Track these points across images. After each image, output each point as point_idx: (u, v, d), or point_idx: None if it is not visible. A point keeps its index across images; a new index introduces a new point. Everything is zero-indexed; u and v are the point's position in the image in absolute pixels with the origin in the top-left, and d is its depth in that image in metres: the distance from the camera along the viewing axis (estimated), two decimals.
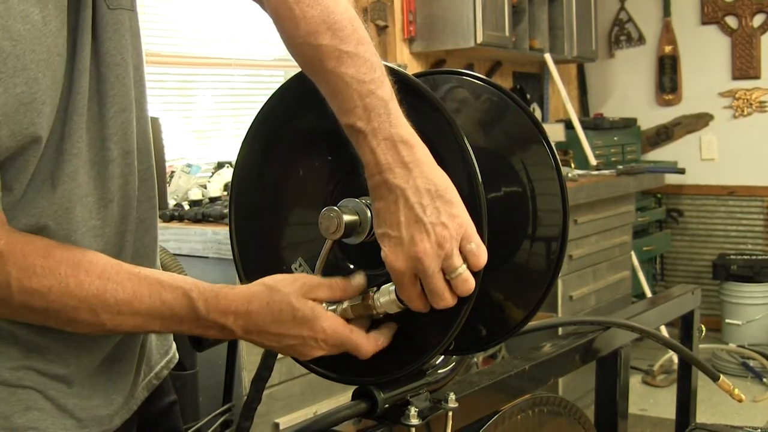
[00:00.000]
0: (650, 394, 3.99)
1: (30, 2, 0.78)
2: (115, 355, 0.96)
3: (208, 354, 1.37)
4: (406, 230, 0.81)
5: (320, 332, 0.85)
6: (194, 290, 0.85)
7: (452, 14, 3.74)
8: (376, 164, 0.81)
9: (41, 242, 0.83)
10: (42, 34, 0.79)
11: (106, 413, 0.95)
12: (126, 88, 0.92)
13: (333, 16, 0.83)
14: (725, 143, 4.92)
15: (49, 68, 0.80)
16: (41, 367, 0.89)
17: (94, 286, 0.82)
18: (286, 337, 0.85)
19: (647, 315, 1.50)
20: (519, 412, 1.13)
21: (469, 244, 0.82)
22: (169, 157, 2.81)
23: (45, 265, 0.81)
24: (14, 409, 0.87)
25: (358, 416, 0.95)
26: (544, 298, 0.95)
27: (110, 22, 0.90)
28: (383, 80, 0.83)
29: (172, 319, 0.85)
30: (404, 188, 0.81)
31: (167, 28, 3.11)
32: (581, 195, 3.53)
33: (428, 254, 0.80)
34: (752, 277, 4.41)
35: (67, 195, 0.85)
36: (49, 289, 0.81)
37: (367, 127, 0.81)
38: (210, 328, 0.85)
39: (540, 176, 0.94)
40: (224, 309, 0.84)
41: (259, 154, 0.99)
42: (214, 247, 2.30)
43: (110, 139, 0.90)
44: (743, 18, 4.80)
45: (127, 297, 0.83)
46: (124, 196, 0.93)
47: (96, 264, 0.84)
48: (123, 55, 0.92)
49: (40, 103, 0.79)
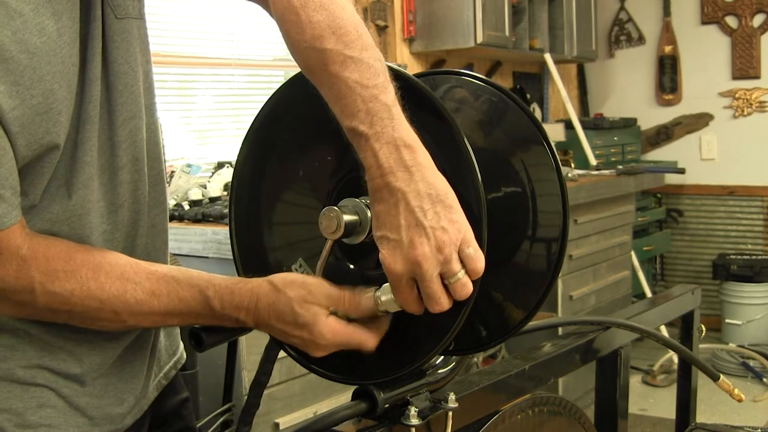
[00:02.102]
0: (650, 394, 3.99)
1: (45, 15, 0.80)
2: (127, 356, 0.98)
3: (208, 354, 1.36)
4: (405, 233, 0.81)
5: (319, 337, 0.86)
6: (210, 288, 0.88)
7: (452, 14, 3.74)
8: (378, 167, 0.82)
9: (62, 245, 0.86)
10: (57, 46, 0.81)
11: (117, 412, 0.96)
12: (134, 96, 0.94)
13: (338, 22, 0.83)
14: (725, 143, 4.92)
15: (64, 79, 0.82)
16: (54, 366, 0.91)
17: (115, 287, 0.86)
18: (289, 336, 0.88)
19: (647, 315, 1.50)
20: (519, 412, 1.13)
21: (468, 248, 0.82)
22: (169, 157, 2.81)
23: (67, 268, 0.84)
24: (27, 406, 0.89)
25: (358, 416, 0.95)
26: (544, 298, 0.95)
27: (118, 32, 0.92)
28: (386, 85, 0.83)
29: (189, 314, 0.89)
30: (405, 191, 0.81)
31: (167, 28, 3.11)
32: (581, 195, 3.53)
33: (427, 258, 0.80)
34: (752, 277, 4.41)
35: (81, 202, 0.88)
36: (71, 292, 0.84)
37: (370, 131, 0.81)
38: (225, 320, 0.89)
39: (540, 177, 0.94)
40: (237, 305, 0.87)
41: (259, 154, 1.00)
42: (214, 247, 2.30)
43: (119, 147, 0.92)
44: (743, 18, 4.80)
45: (146, 297, 0.87)
46: (135, 201, 0.95)
47: (116, 265, 0.87)
48: (131, 63, 0.93)
49: (57, 113, 0.82)
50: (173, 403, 1.13)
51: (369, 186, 0.83)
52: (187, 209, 2.51)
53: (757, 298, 4.44)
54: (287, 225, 0.99)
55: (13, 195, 0.81)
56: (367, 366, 0.92)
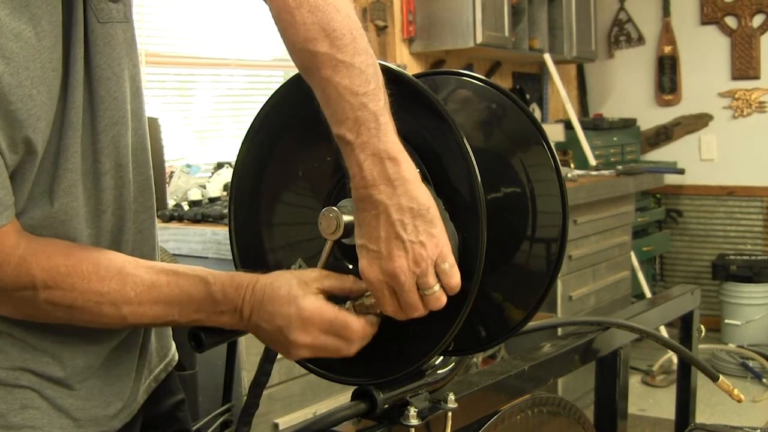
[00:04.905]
0: (650, 394, 3.99)
1: (22, 20, 0.79)
2: (113, 358, 0.97)
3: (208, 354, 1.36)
4: (385, 245, 0.82)
5: (304, 311, 0.85)
6: (209, 275, 0.88)
7: (452, 14, 3.74)
8: (361, 178, 0.82)
9: (61, 243, 0.87)
10: (36, 51, 0.80)
11: (103, 414, 0.96)
12: (117, 101, 0.93)
13: (332, 24, 0.83)
14: (725, 143, 4.92)
15: (43, 84, 0.82)
16: (37, 369, 0.91)
17: (115, 281, 0.86)
18: (275, 316, 0.86)
19: (647, 315, 1.50)
20: (518, 412, 1.13)
21: (444, 264, 0.83)
22: (168, 158, 2.80)
23: (68, 263, 0.85)
24: (11, 408, 0.89)
25: (357, 416, 0.95)
26: (544, 298, 0.95)
27: (101, 36, 0.91)
28: (377, 93, 0.83)
29: (189, 305, 0.88)
30: (387, 205, 0.82)
31: (167, 28, 3.11)
32: (581, 195, 3.53)
33: (403, 271, 0.82)
34: (751, 277, 4.41)
35: (64, 208, 0.88)
36: (72, 286, 0.84)
37: (356, 141, 0.82)
38: (224, 313, 0.88)
39: (540, 177, 0.94)
40: (238, 284, 0.87)
41: (258, 154, 1.00)
42: (214, 248, 2.30)
43: (102, 152, 0.92)
44: (743, 18, 4.80)
45: (145, 288, 0.87)
46: (119, 207, 0.95)
47: (114, 260, 0.88)
48: (114, 69, 0.93)
49: (35, 119, 0.81)
50: (168, 405, 1.13)
51: (353, 194, 0.84)
52: (187, 209, 2.51)
53: (756, 299, 4.43)
54: (287, 225, 0.99)
55: (6, 195, 0.81)
56: (366, 366, 0.92)
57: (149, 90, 3.02)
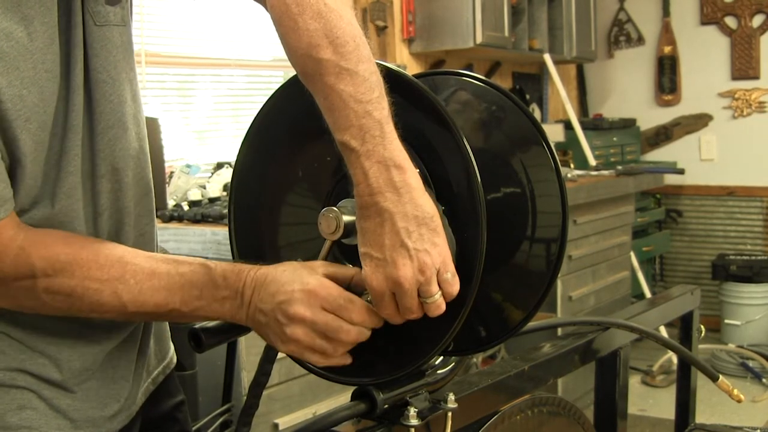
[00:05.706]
0: (649, 395, 3.99)
1: (13, 20, 0.79)
2: (111, 360, 0.97)
3: (207, 354, 1.36)
4: (389, 253, 0.82)
5: (309, 284, 0.84)
6: (210, 262, 0.89)
7: (452, 14, 3.74)
8: (367, 185, 0.82)
9: (60, 233, 0.87)
10: (28, 51, 0.80)
11: (101, 416, 0.96)
12: (113, 105, 0.93)
13: (336, 31, 0.83)
14: (725, 143, 4.92)
15: (35, 85, 0.81)
16: (34, 370, 0.91)
17: (114, 269, 0.86)
18: (277, 294, 0.84)
19: (647, 315, 1.50)
20: (518, 413, 1.13)
21: (446, 273, 0.83)
22: (168, 158, 2.80)
23: (68, 251, 0.85)
24: (8, 408, 0.89)
25: (357, 417, 0.95)
26: (544, 298, 0.95)
27: (97, 39, 0.91)
28: (381, 101, 0.83)
29: (191, 291, 0.87)
30: (393, 212, 0.81)
31: (167, 28, 3.11)
32: (580, 195, 3.53)
33: (408, 279, 0.82)
34: (751, 278, 4.41)
35: (65, 210, 0.88)
36: (72, 274, 0.84)
37: (361, 148, 0.81)
38: (225, 300, 0.87)
39: (539, 177, 0.94)
40: (240, 269, 0.87)
41: (258, 154, 1.00)
42: (214, 248, 2.30)
43: (98, 155, 0.92)
44: (743, 18, 4.80)
45: (145, 276, 0.87)
46: (116, 211, 0.95)
47: (114, 249, 0.88)
48: (110, 72, 0.93)
49: (24, 120, 0.81)
50: (167, 407, 1.13)
51: (357, 202, 0.84)
52: (187, 210, 2.51)
53: (756, 299, 4.43)
54: (286, 225, 0.99)
55: (5, 189, 0.81)
56: (366, 366, 0.92)
57: (149, 90, 3.02)
